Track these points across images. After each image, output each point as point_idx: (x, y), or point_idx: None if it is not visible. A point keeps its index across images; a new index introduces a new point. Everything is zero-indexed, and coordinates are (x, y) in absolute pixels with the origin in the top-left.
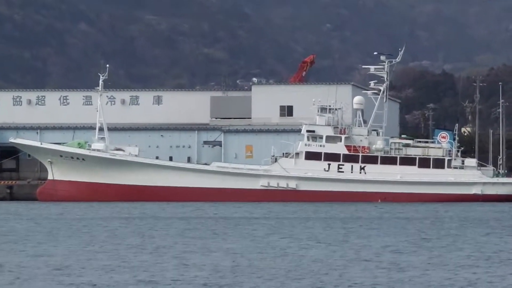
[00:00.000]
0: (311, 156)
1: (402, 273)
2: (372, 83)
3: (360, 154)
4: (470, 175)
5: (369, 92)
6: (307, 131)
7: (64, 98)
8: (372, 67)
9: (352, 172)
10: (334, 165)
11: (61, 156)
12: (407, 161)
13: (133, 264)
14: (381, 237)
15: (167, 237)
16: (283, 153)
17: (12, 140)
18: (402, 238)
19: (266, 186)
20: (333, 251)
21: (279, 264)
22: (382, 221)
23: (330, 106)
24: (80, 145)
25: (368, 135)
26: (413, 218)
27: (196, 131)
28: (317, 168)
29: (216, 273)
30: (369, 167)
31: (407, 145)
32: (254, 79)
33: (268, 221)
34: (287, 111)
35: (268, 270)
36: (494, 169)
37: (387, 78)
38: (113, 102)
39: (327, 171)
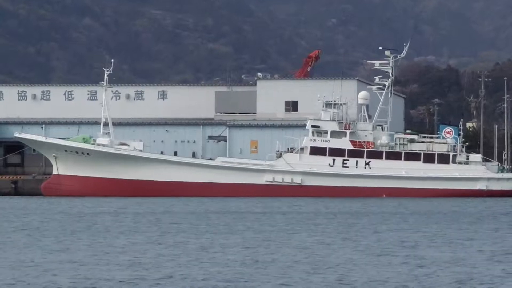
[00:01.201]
0: (316, 151)
1: None
2: (377, 78)
3: (365, 149)
4: (474, 171)
5: (374, 87)
6: (312, 126)
7: (69, 93)
8: (377, 62)
9: (357, 167)
10: (339, 160)
11: (66, 151)
12: (412, 156)
13: None
14: None
15: None
16: (288, 148)
17: (17, 135)
18: None
19: (271, 181)
20: None
21: None
22: None
23: (335, 101)
24: (85, 140)
25: (373, 130)
26: None
27: (201, 126)
28: (322, 163)
29: None
30: (374, 162)
31: (412, 141)
32: (259, 74)
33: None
34: (292, 106)
35: None
36: (499, 165)
37: (392, 73)
38: (118, 97)
39: (332, 166)
